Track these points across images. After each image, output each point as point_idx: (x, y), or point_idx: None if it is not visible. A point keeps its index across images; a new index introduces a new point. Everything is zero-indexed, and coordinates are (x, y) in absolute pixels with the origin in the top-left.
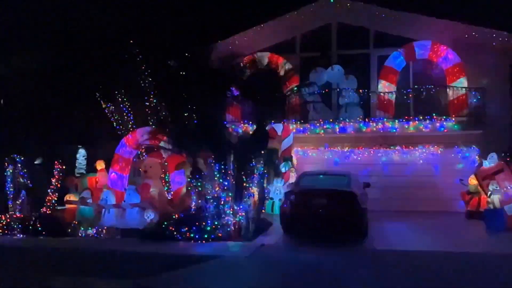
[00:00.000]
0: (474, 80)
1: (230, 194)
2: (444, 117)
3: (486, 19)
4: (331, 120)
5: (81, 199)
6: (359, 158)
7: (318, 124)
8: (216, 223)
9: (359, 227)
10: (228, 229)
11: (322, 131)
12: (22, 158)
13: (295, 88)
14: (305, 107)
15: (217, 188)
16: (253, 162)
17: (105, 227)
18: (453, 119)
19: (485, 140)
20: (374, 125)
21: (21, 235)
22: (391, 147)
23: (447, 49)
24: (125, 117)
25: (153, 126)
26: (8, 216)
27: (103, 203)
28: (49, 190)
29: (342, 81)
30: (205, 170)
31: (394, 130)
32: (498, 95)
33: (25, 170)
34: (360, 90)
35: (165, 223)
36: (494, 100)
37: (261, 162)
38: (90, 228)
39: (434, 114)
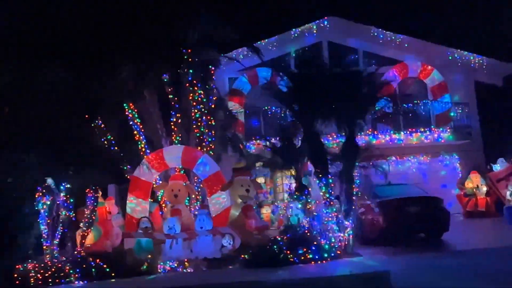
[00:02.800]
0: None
1: (334, 210)
2: (431, 127)
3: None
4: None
5: (144, 230)
6: None
7: (330, 138)
8: (333, 240)
9: (447, 228)
10: (337, 245)
11: (335, 144)
12: (68, 186)
13: None
14: None
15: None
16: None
17: (185, 260)
18: (448, 130)
19: (466, 149)
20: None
21: (83, 281)
22: (387, 158)
23: (433, 69)
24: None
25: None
26: (55, 260)
27: (172, 232)
28: (81, 224)
29: None
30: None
31: (400, 142)
32: (469, 108)
33: (70, 201)
34: None
35: (275, 246)
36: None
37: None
38: (167, 262)
39: (432, 127)
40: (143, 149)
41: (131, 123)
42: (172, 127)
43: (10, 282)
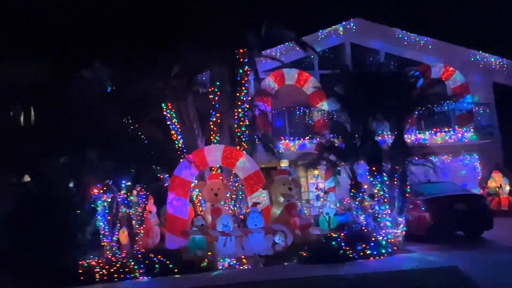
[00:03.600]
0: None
1: (387, 207)
2: (454, 127)
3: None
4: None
5: (200, 227)
6: None
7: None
8: (389, 236)
9: (491, 226)
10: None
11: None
12: (128, 184)
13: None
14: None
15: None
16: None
17: (243, 256)
18: (471, 130)
19: (486, 149)
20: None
21: (147, 277)
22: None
23: (455, 70)
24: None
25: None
26: (119, 256)
27: (227, 230)
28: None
29: None
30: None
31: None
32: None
33: (130, 199)
34: None
35: (333, 243)
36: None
37: None
38: (225, 259)
39: (456, 127)
40: (180, 149)
41: (169, 122)
42: (212, 126)
43: (75, 278)
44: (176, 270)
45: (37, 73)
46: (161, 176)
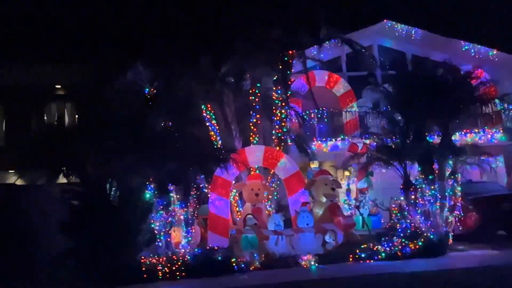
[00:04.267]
0: None
1: (437, 206)
2: (484, 128)
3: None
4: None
5: (253, 227)
6: None
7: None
8: (442, 235)
9: None
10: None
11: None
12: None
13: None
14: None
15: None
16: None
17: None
18: (500, 131)
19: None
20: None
21: (208, 276)
22: None
23: (483, 72)
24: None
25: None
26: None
27: (279, 229)
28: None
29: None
30: None
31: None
32: None
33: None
34: None
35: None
36: None
37: None
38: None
39: (486, 128)
40: (219, 149)
41: (208, 123)
42: (252, 127)
43: (138, 276)
44: (235, 268)
45: (82, 74)
46: (198, 176)
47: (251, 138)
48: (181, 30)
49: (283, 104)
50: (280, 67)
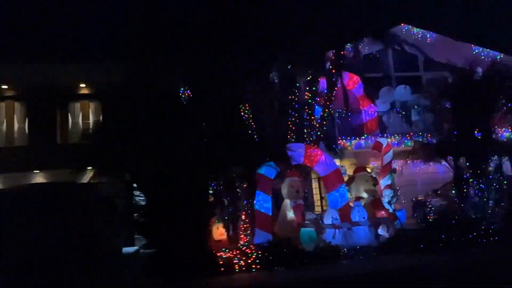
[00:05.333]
0: None
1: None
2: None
3: None
4: (420, 133)
5: (314, 221)
6: None
7: (409, 137)
8: (493, 226)
9: None
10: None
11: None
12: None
13: None
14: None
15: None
16: None
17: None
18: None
19: None
20: None
21: (281, 267)
22: None
23: None
24: None
25: None
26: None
27: (337, 223)
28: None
29: (409, 98)
30: None
31: None
32: None
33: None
34: None
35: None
36: None
37: None
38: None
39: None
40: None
41: (247, 122)
42: (291, 125)
43: (216, 268)
44: (305, 260)
45: (111, 73)
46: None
47: (289, 136)
48: (220, 28)
49: (328, 103)
50: (330, 67)
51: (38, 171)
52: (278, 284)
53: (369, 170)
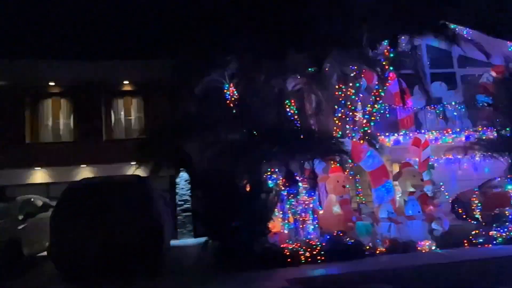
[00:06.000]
0: None
1: None
2: None
3: None
4: (458, 129)
5: (371, 215)
6: None
7: (446, 134)
8: None
9: None
10: None
11: (450, 140)
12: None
13: None
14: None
15: None
16: None
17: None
18: None
19: None
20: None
21: (343, 260)
22: None
23: None
24: None
25: None
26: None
27: (393, 216)
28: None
29: (446, 95)
30: None
31: None
32: None
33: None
34: None
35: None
36: None
37: None
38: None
39: None
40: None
41: (291, 118)
42: (337, 121)
43: (282, 260)
44: (366, 253)
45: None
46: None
47: (334, 132)
48: (270, 22)
49: (378, 99)
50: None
51: (84, 166)
52: (347, 275)
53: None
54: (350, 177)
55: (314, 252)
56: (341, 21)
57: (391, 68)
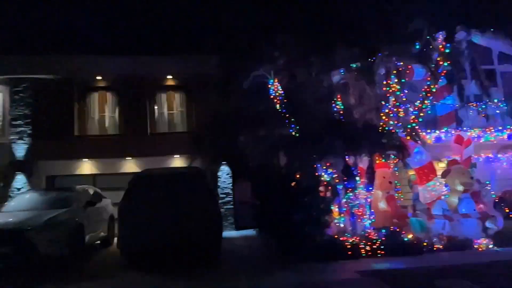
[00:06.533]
0: None
1: None
2: None
3: None
4: (500, 127)
5: (425, 211)
6: None
7: (488, 132)
8: None
9: None
10: None
11: (493, 138)
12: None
13: None
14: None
15: None
16: None
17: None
18: None
19: None
20: None
21: (403, 256)
22: None
23: None
24: None
25: None
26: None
27: (448, 213)
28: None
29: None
30: None
31: None
32: None
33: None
34: None
35: None
36: None
37: None
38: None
39: None
40: None
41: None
42: (383, 117)
43: (343, 253)
44: (423, 250)
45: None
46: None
47: (380, 128)
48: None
49: (428, 95)
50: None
51: (129, 158)
52: (421, 269)
53: (443, 164)
54: (396, 174)
55: (374, 246)
56: (396, 15)
57: (445, 64)
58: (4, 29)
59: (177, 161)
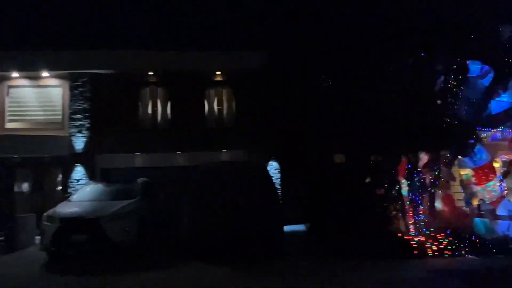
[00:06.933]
0: None
1: None
2: None
3: None
4: None
5: (490, 212)
6: None
7: None
8: None
9: None
10: None
11: None
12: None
13: None
14: None
15: None
16: None
17: None
18: None
19: None
20: None
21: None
22: None
23: None
24: None
25: None
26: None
27: None
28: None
29: None
30: None
31: None
32: None
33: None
34: None
35: None
36: None
37: None
38: None
39: None
40: None
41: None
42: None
43: (408, 252)
44: (494, 251)
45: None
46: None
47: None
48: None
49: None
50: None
51: (179, 152)
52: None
53: (497, 164)
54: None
55: (442, 246)
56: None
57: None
58: (64, 25)
59: (226, 156)
